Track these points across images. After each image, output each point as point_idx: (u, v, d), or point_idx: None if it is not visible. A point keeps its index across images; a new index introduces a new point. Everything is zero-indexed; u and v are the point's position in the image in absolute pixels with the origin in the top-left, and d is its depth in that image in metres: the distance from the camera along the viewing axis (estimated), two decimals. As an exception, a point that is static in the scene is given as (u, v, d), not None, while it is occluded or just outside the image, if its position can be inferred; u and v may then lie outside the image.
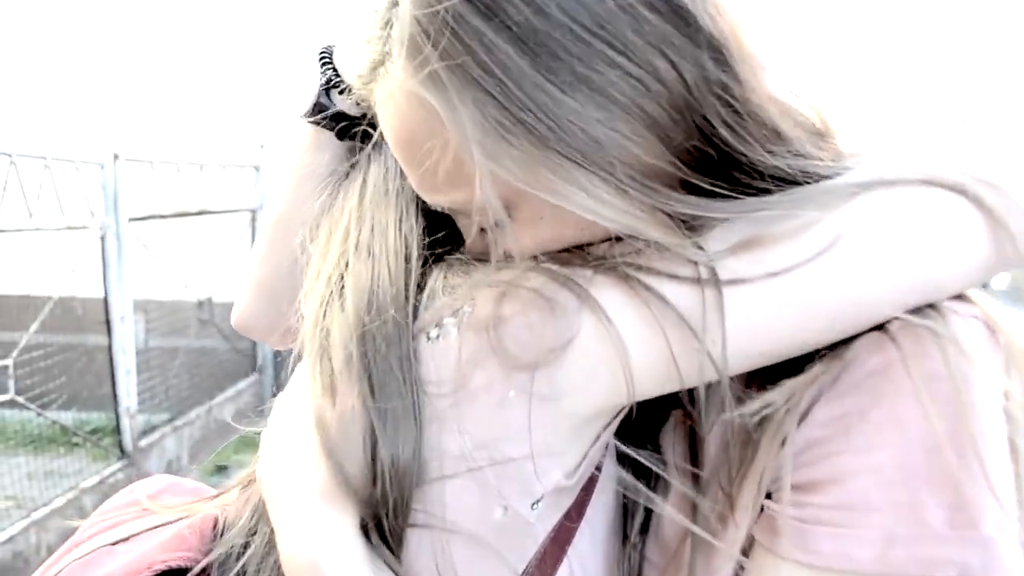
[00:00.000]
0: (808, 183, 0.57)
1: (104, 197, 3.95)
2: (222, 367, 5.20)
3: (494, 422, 0.55)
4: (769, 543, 0.56)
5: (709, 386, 0.55)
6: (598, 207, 0.52)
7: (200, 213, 4.77)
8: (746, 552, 0.58)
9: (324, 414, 0.59)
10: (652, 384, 0.56)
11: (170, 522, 0.72)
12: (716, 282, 0.53)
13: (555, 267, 0.56)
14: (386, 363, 0.58)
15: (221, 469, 4.63)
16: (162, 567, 0.65)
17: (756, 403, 0.56)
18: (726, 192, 0.55)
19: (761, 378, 0.58)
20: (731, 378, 0.55)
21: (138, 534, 0.71)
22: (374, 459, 0.57)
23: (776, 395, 0.56)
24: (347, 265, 0.63)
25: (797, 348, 0.55)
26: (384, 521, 0.57)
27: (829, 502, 0.53)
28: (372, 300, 0.60)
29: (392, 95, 0.56)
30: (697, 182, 0.56)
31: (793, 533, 0.54)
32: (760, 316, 0.54)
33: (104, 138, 4.30)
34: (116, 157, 3.96)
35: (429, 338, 0.58)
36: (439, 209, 0.62)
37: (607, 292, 0.54)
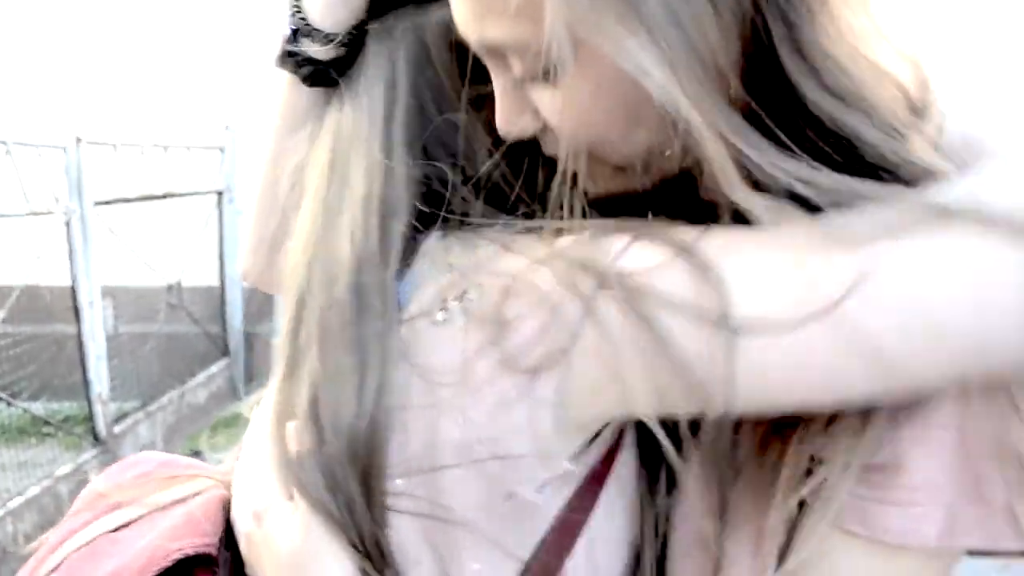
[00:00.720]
0: (883, 176, 0.50)
1: (68, 181, 3.88)
2: (193, 351, 5.15)
3: (497, 418, 0.53)
4: (827, 516, 0.53)
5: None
6: (651, 70, 0.48)
7: (166, 196, 4.69)
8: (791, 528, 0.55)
9: (279, 417, 0.58)
10: (653, 411, 0.52)
11: (172, 503, 0.69)
12: (728, 324, 0.48)
13: (564, 266, 0.52)
14: (341, 332, 0.56)
15: (196, 454, 4.61)
16: (179, 555, 0.62)
17: (802, 491, 0.53)
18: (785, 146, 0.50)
19: None
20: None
21: (140, 518, 0.68)
22: (317, 423, 0.55)
23: (825, 472, 0.52)
24: (314, 235, 0.61)
25: (823, 406, 0.51)
26: (353, 517, 0.55)
27: (892, 482, 0.51)
28: (332, 268, 0.58)
29: None
30: (758, 113, 0.51)
31: (854, 509, 0.52)
32: (779, 368, 0.49)
33: (66, 121, 4.22)
34: (79, 140, 3.88)
35: (434, 322, 0.55)
36: (476, 50, 0.56)
37: (611, 309, 0.51)
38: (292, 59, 0.69)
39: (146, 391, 4.59)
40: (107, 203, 4.17)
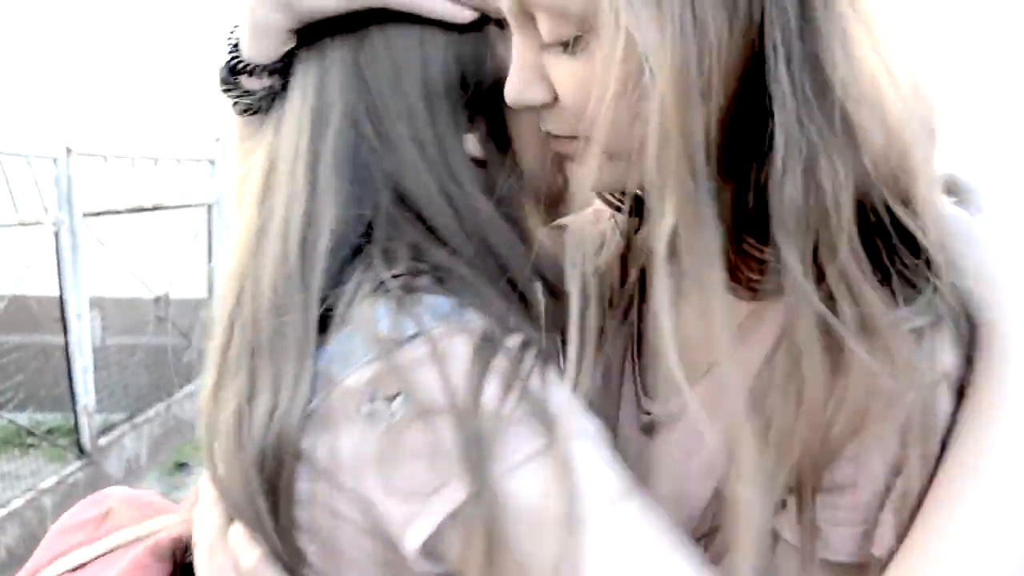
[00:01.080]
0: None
1: (57, 192, 3.87)
2: (180, 364, 5.13)
3: (383, 530, 0.53)
4: (797, 543, 0.54)
5: None
6: (656, 49, 0.48)
7: (155, 208, 4.69)
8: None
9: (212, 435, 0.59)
10: None
11: (131, 542, 0.70)
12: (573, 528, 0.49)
13: (471, 439, 0.51)
14: (263, 348, 0.57)
15: (181, 466, 4.58)
16: None
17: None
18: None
19: None
20: None
21: (98, 558, 0.70)
22: (239, 432, 0.56)
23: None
24: (246, 250, 0.62)
25: None
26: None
27: (848, 503, 0.52)
28: (258, 285, 0.59)
29: None
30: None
31: (822, 535, 0.53)
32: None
33: (57, 132, 4.22)
34: (69, 151, 3.88)
35: (359, 411, 0.53)
36: (508, 9, 0.56)
37: (485, 512, 0.51)
38: (228, 89, 0.69)
39: (133, 403, 4.57)
40: (96, 214, 4.16)
